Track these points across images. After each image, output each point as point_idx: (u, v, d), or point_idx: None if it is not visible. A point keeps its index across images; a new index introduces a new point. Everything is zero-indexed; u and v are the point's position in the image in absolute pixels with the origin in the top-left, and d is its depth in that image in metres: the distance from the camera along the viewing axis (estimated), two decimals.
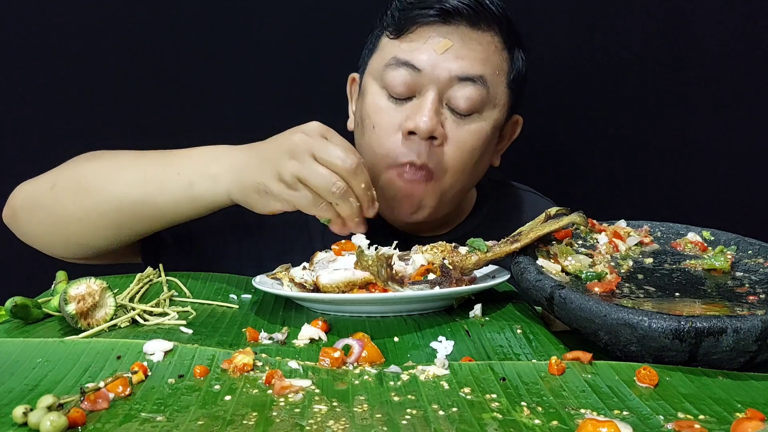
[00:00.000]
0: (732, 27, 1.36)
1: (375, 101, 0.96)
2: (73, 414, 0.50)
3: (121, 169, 0.93)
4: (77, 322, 0.69)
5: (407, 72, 0.93)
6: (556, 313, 0.69)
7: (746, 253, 0.80)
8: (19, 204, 0.98)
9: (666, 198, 1.40)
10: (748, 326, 0.59)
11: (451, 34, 0.93)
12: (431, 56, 0.92)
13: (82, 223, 0.93)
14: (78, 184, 0.94)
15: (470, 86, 0.93)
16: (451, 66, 0.92)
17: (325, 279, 0.75)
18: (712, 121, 1.39)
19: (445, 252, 0.79)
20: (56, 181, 0.95)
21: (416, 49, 0.93)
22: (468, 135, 0.94)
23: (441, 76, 0.92)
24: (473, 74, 0.93)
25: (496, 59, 0.96)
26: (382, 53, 0.97)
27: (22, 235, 1.00)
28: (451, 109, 0.94)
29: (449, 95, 0.93)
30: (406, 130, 0.92)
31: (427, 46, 0.93)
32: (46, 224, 0.96)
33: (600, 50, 1.38)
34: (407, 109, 0.93)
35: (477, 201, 1.12)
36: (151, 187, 0.90)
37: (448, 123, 0.94)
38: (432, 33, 0.93)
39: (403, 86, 0.93)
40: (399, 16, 0.95)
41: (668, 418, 0.52)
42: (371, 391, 0.57)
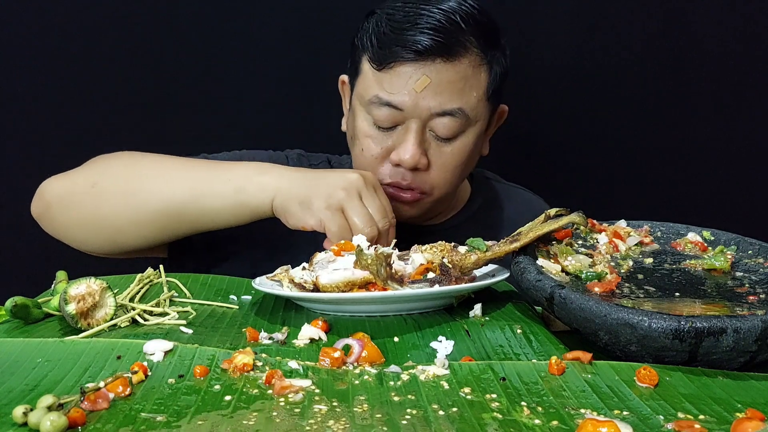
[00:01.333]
0: (732, 27, 1.36)
1: (363, 127, 1.01)
2: (73, 414, 0.50)
3: (169, 172, 0.96)
4: (77, 322, 0.69)
5: (390, 110, 0.98)
6: (556, 313, 0.69)
7: (746, 253, 0.80)
8: (55, 199, 0.98)
9: (666, 198, 1.40)
10: (748, 326, 0.59)
11: (427, 69, 0.97)
12: (411, 96, 0.97)
13: (126, 224, 0.96)
14: (124, 185, 0.96)
15: (449, 118, 0.98)
16: (430, 104, 0.97)
17: (325, 279, 0.75)
18: (712, 121, 1.39)
19: (444, 251, 0.79)
20: (98, 179, 0.97)
21: (397, 91, 0.98)
22: (452, 156, 1.01)
23: (422, 113, 0.98)
24: (451, 108, 0.98)
25: (474, 82, 0.99)
26: (365, 82, 1.01)
27: (55, 229, 1.01)
28: (435, 134, 0.99)
29: (431, 125, 0.99)
30: (393, 162, 0.99)
31: (407, 86, 0.97)
32: (86, 222, 0.97)
33: (600, 50, 1.38)
34: (392, 137, 1.00)
35: (472, 192, 1.17)
36: (200, 191, 0.94)
37: (431, 148, 1.00)
38: (409, 71, 0.97)
39: (386, 122, 0.99)
40: (377, 48, 0.99)
41: (668, 418, 0.52)
42: (371, 391, 0.57)
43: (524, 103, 1.34)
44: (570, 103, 1.40)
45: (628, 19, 1.36)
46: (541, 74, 1.38)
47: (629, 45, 1.37)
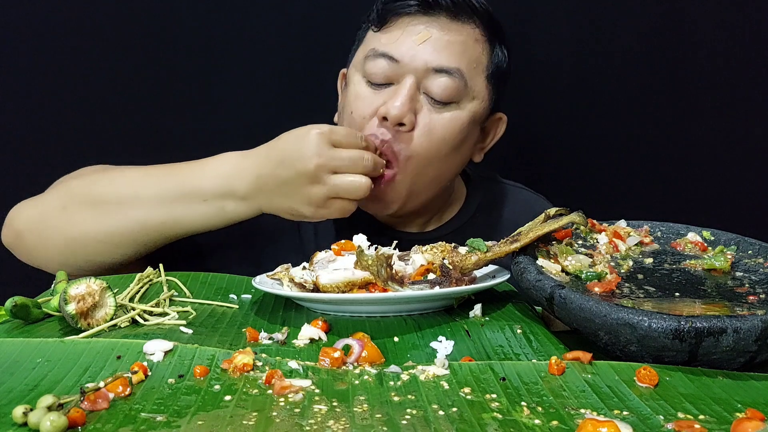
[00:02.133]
0: (732, 27, 1.36)
1: (355, 89, 0.98)
2: (73, 414, 0.50)
3: (139, 188, 0.94)
4: (77, 322, 0.69)
5: (386, 62, 0.95)
6: (556, 313, 0.69)
7: (746, 253, 0.80)
8: (26, 227, 0.97)
9: (666, 198, 1.40)
10: (748, 326, 0.59)
11: (430, 24, 0.95)
12: (409, 47, 0.94)
13: (102, 245, 0.94)
14: (94, 204, 0.94)
15: (446, 77, 0.94)
16: (428, 57, 0.94)
17: (325, 279, 0.75)
18: (712, 121, 1.39)
19: (444, 252, 0.79)
20: (66, 201, 0.95)
21: (395, 40, 0.95)
22: (440, 123, 0.96)
23: (418, 67, 0.94)
24: (449, 66, 0.94)
25: (475, 51, 0.97)
26: (365, 46, 1.00)
27: (28, 256, 0.99)
28: (429, 97, 0.95)
29: (426, 84, 0.95)
30: (380, 116, 0.94)
31: (405, 36, 0.95)
32: (59, 246, 0.95)
33: (600, 50, 1.38)
34: (384, 95, 0.95)
35: (467, 195, 1.13)
36: (178, 210, 0.93)
37: (423, 111, 0.95)
38: (411, 23, 0.95)
39: (381, 75, 0.95)
40: (382, 8, 0.98)
41: (668, 418, 0.52)
42: (371, 391, 0.57)
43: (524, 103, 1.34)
44: (570, 102, 1.40)
45: (629, 19, 1.36)
46: (541, 74, 1.38)
47: (629, 45, 1.37)
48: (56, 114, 1.34)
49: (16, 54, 1.31)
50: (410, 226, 1.07)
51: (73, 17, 1.31)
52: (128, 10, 1.31)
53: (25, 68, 1.32)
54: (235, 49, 1.34)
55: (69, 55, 1.31)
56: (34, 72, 1.32)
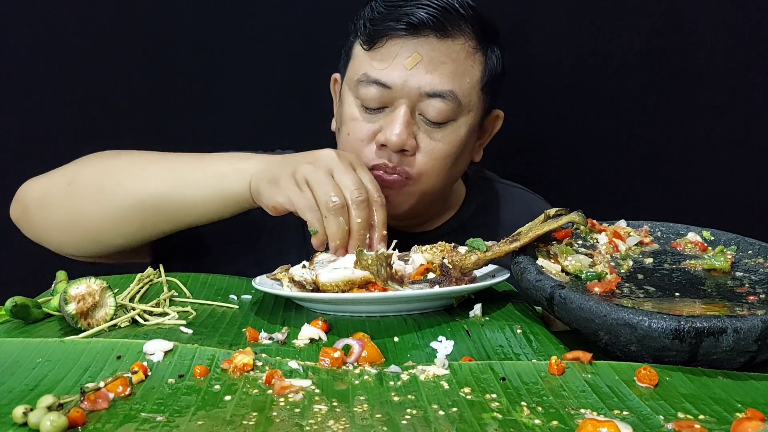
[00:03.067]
0: (732, 27, 1.36)
1: (350, 111, 0.98)
2: (73, 414, 0.50)
3: (146, 165, 0.94)
4: (77, 322, 0.69)
5: (378, 89, 0.95)
6: (556, 313, 0.69)
7: (746, 253, 0.80)
8: (32, 201, 0.97)
9: (666, 198, 1.40)
10: (748, 326, 0.59)
11: (420, 46, 0.94)
12: (401, 73, 0.94)
13: (104, 220, 0.93)
14: (100, 181, 0.94)
15: (439, 101, 0.94)
16: (420, 82, 0.94)
17: (325, 278, 0.75)
18: (712, 121, 1.39)
19: (444, 252, 0.79)
20: (74, 177, 0.95)
21: (386, 66, 0.95)
22: (440, 144, 0.96)
23: (411, 92, 0.94)
24: (442, 90, 0.94)
25: (467, 67, 0.97)
26: (356, 65, 0.99)
27: (33, 231, 0.99)
28: (424, 118, 0.95)
29: (420, 107, 0.95)
30: (379, 143, 0.95)
31: (397, 62, 0.94)
32: (62, 222, 0.95)
33: (600, 50, 1.38)
34: (380, 120, 0.95)
35: (466, 194, 1.13)
36: (178, 181, 0.92)
37: (420, 133, 0.95)
38: (401, 47, 0.94)
39: (374, 101, 0.95)
40: (370, 27, 0.96)
41: (668, 418, 0.52)
42: (371, 391, 0.57)
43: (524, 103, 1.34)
44: (570, 102, 1.40)
45: (628, 19, 1.36)
46: (541, 74, 1.38)
47: (629, 45, 1.37)
48: (56, 114, 1.34)
49: (16, 54, 1.31)
50: (409, 226, 1.07)
51: (73, 17, 1.31)
52: (128, 10, 1.31)
53: (25, 68, 1.32)
54: (235, 50, 1.34)
55: (69, 55, 1.31)
56: (34, 72, 1.32)
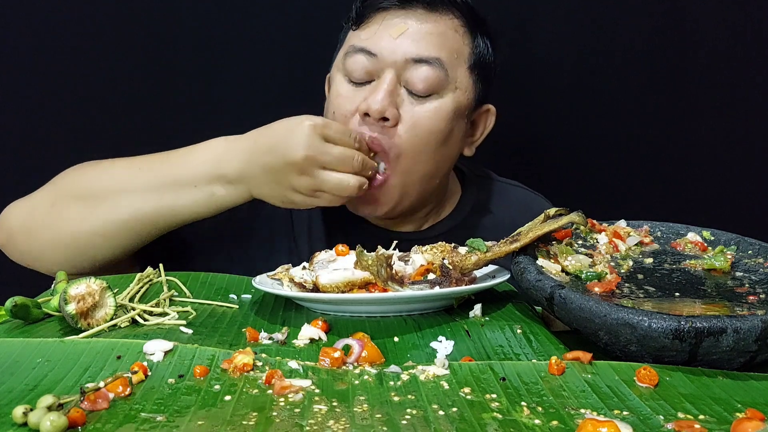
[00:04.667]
0: (732, 27, 1.36)
1: (337, 89, 0.98)
2: (73, 414, 0.50)
3: (129, 179, 0.93)
4: (77, 322, 0.69)
5: (364, 57, 0.95)
6: (556, 313, 0.69)
7: (746, 253, 0.80)
8: (16, 227, 0.96)
9: (666, 198, 1.40)
10: (748, 326, 0.59)
11: (407, 17, 0.95)
12: (387, 41, 0.94)
13: (94, 236, 0.93)
14: (83, 198, 0.93)
15: (426, 68, 0.94)
16: (406, 49, 0.94)
17: (325, 279, 0.75)
18: (712, 121, 1.39)
19: (444, 252, 0.79)
20: (55, 198, 0.94)
21: (372, 35, 0.95)
22: (424, 116, 0.95)
23: (397, 59, 0.94)
24: (429, 56, 0.94)
25: (454, 42, 0.97)
26: (345, 45, 1.00)
27: (21, 256, 0.98)
28: (409, 91, 0.95)
29: (406, 77, 0.94)
30: (361, 112, 0.94)
31: (383, 30, 0.95)
32: (50, 243, 0.94)
33: (601, 49, 1.38)
34: (365, 92, 0.95)
35: (463, 193, 1.12)
36: (168, 198, 0.92)
37: (405, 105, 0.95)
38: (388, 18, 0.95)
39: (361, 71, 0.95)
40: (360, 6, 0.98)
41: (668, 418, 0.52)
42: (371, 391, 0.57)
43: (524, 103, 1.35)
44: (570, 102, 1.40)
45: (629, 18, 1.36)
46: (541, 73, 1.38)
47: (629, 44, 1.37)
48: (56, 114, 1.34)
49: (16, 54, 1.31)
50: (405, 225, 1.06)
51: (73, 17, 1.31)
52: (128, 10, 1.31)
53: (25, 68, 1.32)
54: (235, 50, 1.34)
55: (69, 55, 1.31)
56: (34, 72, 1.32)
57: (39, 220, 0.94)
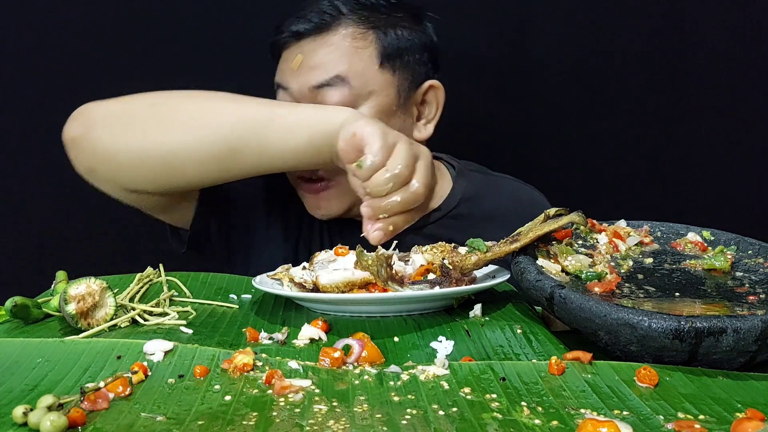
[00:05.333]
0: (732, 27, 1.36)
1: None
2: (73, 414, 0.50)
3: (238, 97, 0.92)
4: (77, 322, 0.69)
5: (284, 93, 1.00)
6: (556, 313, 0.69)
7: (746, 253, 0.80)
8: (101, 118, 0.92)
9: (666, 198, 1.40)
10: (748, 326, 0.59)
11: (302, 47, 0.99)
12: (292, 75, 0.99)
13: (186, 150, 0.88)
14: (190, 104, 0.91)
15: (331, 90, 0.97)
16: (307, 78, 0.98)
17: (325, 279, 0.75)
18: (712, 121, 1.39)
19: (444, 252, 0.79)
20: (156, 100, 0.92)
21: (282, 71, 1.01)
22: None
23: (303, 91, 0.98)
24: (327, 78, 0.97)
25: (353, 51, 0.99)
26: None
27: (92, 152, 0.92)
28: None
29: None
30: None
31: (285, 65, 1.00)
32: (136, 143, 0.89)
33: (601, 49, 1.38)
34: None
35: (453, 187, 1.12)
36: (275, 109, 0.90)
37: None
38: (288, 53, 1.00)
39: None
40: (272, 43, 1.03)
41: (668, 418, 0.52)
42: (371, 391, 0.57)
43: (525, 103, 1.35)
44: (570, 102, 1.40)
45: (629, 19, 1.36)
46: (541, 74, 1.38)
47: (630, 44, 1.37)
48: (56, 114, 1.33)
49: (16, 54, 1.31)
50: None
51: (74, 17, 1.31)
52: (128, 10, 1.31)
53: (25, 68, 1.32)
54: (235, 50, 1.34)
55: (69, 55, 1.31)
56: (34, 72, 1.32)
57: (132, 115, 0.91)
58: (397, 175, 0.80)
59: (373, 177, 0.80)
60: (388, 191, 0.80)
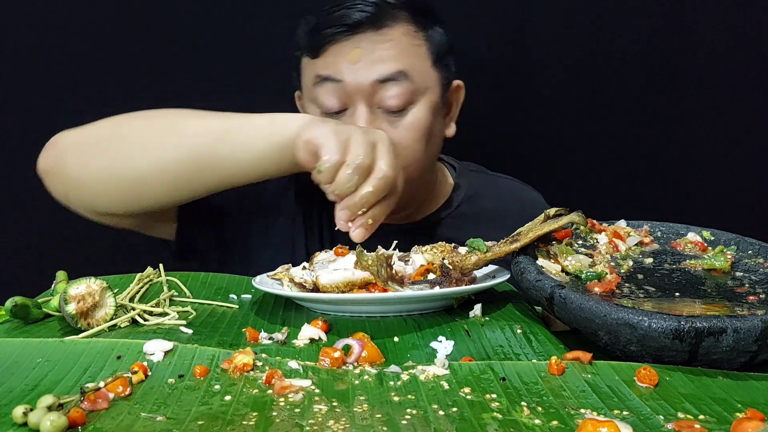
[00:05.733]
0: (733, 27, 1.36)
1: None
2: (73, 414, 0.50)
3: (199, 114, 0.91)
4: (77, 322, 0.69)
5: (332, 85, 0.96)
6: (556, 313, 0.69)
7: (746, 253, 0.80)
8: (71, 148, 0.93)
9: (666, 198, 1.40)
10: (748, 326, 0.59)
11: (360, 42, 0.96)
12: (349, 69, 0.96)
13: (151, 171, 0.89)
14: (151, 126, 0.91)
15: (393, 85, 0.96)
16: (368, 73, 0.95)
17: (325, 279, 0.75)
18: (712, 121, 1.39)
19: (445, 252, 0.79)
20: (121, 124, 0.92)
21: (333, 64, 0.97)
22: (406, 131, 0.97)
23: (363, 85, 0.95)
24: (391, 73, 0.96)
25: (412, 48, 0.98)
26: (307, 74, 1.01)
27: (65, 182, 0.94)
28: (384, 110, 0.96)
29: (377, 99, 0.96)
30: None
31: (340, 59, 0.96)
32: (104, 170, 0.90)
33: (600, 50, 1.38)
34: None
35: (456, 185, 1.13)
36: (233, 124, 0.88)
37: (384, 125, 0.96)
38: (343, 47, 0.97)
39: (333, 101, 0.96)
40: (310, 38, 0.99)
41: (668, 418, 0.52)
42: (371, 391, 0.57)
43: (524, 103, 1.35)
44: (570, 102, 1.40)
45: (629, 19, 1.36)
46: (540, 74, 1.38)
47: (630, 44, 1.37)
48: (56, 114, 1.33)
49: (16, 54, 1.31)
50: (395, 217, 1.07)
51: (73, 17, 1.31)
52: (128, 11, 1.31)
53: (25, 68, 1.32)
54: (236, 51, 1.34)
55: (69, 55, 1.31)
56: (34, 72, 1.32)
57: (98, 142, 0.91)
58: (359, 166, 0.79)
59: (337, 177, 0.79)
60: (356, 185, 0.79)
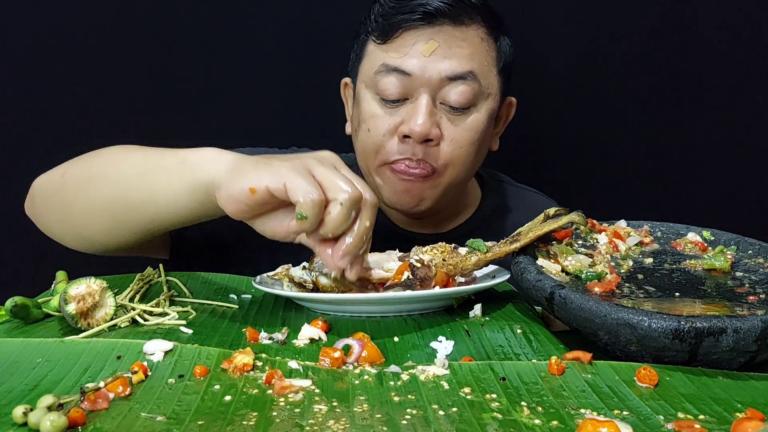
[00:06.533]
0: (733, 27, 1.36)
1: (369, 108, 0.97)
2: (73, 414, 0.50)
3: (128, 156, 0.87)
4: (77, 322, 0.69)
5: (398, 77, 0.94)
6: (556, 313, 0.69)
7: (746, 253, 0.80)
8: (36, 193, 0.95)
9: (666, 198, 1.40)
10: (748, 326, 0.59)
11: (435, 34, 0.94)
12: (420, 60, 0.93)
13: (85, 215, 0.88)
14: (86, 174, 0.90)
15: (461, 84, 0.94)
16: (440, 67, 0.93)
17: (325, 279, 0.75)
18: (712, 121, 1.39)
19: (444, 252, 0.79)
20: (67, 170, 0.92)
21: (404, 54, 0.94)
22: (465, 131, 0.96)
23: (432, 78, 0.93)
24: (462, 72, 0.94)
25: (483, 51, 0.97)
26: (371, 60, 0.98)
27: (40, 225, 0.97)
28: (446, 106, 0.95)
29: (442, 95, 0.94)
30: (401, 134, 0.94)
31: (414, 50, 0.94)
32: (55, 213, 0.92)
33: (601, 50, 1.38)
34: (402, 113, 0.95)
35: (483, 197, 1.13)
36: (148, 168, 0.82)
37: (443, 122, 0.95)
38: (417, 36, 0.94)
39: (395, 92, 0.94)
40: (383, 22, 0.96)
41: (668, 418, 0.52)
42: (371, 391, 0.57)
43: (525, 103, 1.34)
44: (570, 103, 1.40)
45: (630, 20, 1.36)
46: (541, 73, 1.38)
47: (630, 45, 1.37)
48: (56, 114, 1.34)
49: (16, 54, 1.31)
50: (424, 227, 1.06)
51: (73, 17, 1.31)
52: (129, 11, 1.31)
53: (25, 68, 1.32)
54: (237, 51, 1.34)
55: (69, 55, 1.31)
56: (34, 72, 1.32)
57: (50, 189, 0.93)
58: (350, 197, 0.68)
59: (327, 218, 0.68)
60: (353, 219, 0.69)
